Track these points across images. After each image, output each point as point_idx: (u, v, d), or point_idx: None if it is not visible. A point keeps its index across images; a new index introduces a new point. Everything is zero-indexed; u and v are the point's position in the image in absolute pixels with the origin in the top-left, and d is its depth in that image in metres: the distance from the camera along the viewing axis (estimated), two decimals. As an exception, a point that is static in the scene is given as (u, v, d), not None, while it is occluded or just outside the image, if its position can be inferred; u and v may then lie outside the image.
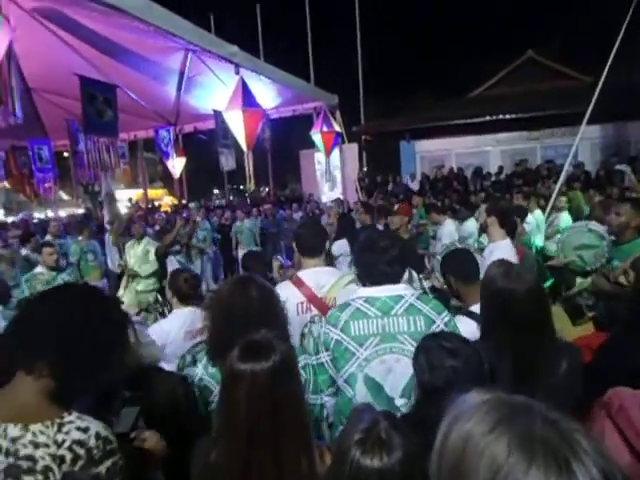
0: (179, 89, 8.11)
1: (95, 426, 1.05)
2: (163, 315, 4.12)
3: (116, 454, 1.07)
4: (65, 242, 7.31)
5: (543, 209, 6.58)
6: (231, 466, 1.13)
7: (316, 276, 2.50)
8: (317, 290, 2.45)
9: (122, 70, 6.81)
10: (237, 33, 10.14)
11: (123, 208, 17.77)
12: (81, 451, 1.00)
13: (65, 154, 11.14)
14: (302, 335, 2.41)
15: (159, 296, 5.11)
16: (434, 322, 1.88)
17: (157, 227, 8.56)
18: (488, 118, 15.17)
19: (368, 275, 1.99)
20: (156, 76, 7.40)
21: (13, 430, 0.99)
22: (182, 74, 7.52)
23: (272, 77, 7.87)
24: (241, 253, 8.87)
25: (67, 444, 0.99)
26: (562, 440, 0.61)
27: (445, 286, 3.35)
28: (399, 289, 1.95)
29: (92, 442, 1.02)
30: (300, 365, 1.73)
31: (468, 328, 2.03)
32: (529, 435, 0.62)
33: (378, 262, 1.93)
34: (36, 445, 0.98)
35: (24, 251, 6.26)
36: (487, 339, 1.75)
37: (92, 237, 7.00)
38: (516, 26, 26.67)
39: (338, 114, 10.36)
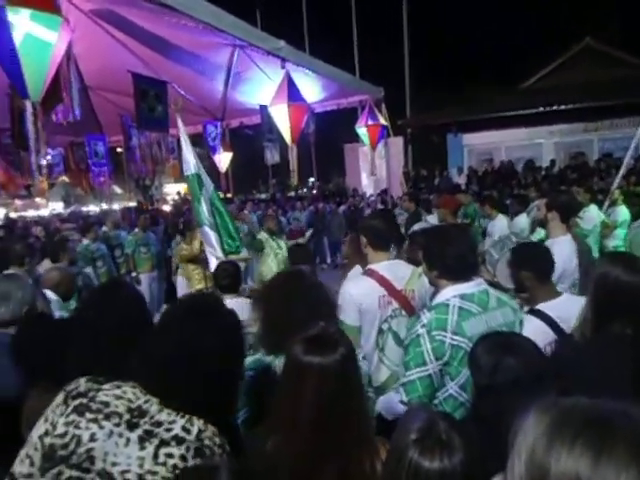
0: (226, 84, 8.23)
1: None
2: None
3: None
4: (119, 233, 7.61)
5: (601, 204, 6.24)
6: (291, 455, 1.13)
7: (393, 268, 2.38)
8: (396, 283, 2.34)
9: (171, 67, 6.99)
10: (283, 27, 10.19)
11: (171, 201, 18.41)
12: None
13: (118, 149, 11.58)
14: (380, 331, 2.29)
15: None
16: (516, 311, 1.96)
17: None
18: (541, 109, 14.53)
19: (456, 270, 1.88)
20: (204, 72, 7.55)
21: (197, 422, 1.11)
22: (229, 70, 7.63)
23: (318, 71, 7.85)
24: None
25: None
26: None
27: (496, 279, 3.23)
28: (482, 282, 1.93)
29: None
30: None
31: (536, 328, 1.94)
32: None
33: (465, 255, 1.87)
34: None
35: (85, 241, 6.54)
36: (599, 336, 1.63)
37: (147, 229, 7.22)
38: (572, 12, 25.31)
39: (384, 107, 10.22)
